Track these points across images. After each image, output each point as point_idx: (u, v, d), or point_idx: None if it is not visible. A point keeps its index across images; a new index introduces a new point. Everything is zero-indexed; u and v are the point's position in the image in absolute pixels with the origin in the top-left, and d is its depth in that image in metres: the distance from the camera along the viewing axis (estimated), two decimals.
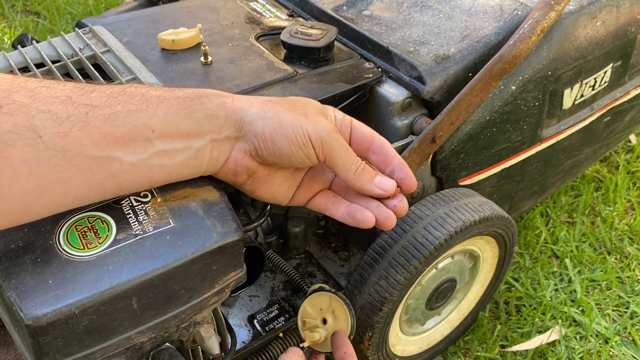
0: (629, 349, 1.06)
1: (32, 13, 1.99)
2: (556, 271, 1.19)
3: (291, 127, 0.51)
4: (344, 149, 0.54)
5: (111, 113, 0.46)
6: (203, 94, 0.52)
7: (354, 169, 0.55)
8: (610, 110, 1.06)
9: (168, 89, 0.51)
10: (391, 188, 0.56)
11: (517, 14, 0.84)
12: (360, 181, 0.55)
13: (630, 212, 1.32)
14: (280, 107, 0.53)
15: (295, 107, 0.53)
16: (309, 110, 0.53)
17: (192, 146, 0.51)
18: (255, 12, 0.94)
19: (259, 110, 0.52)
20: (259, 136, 0.52)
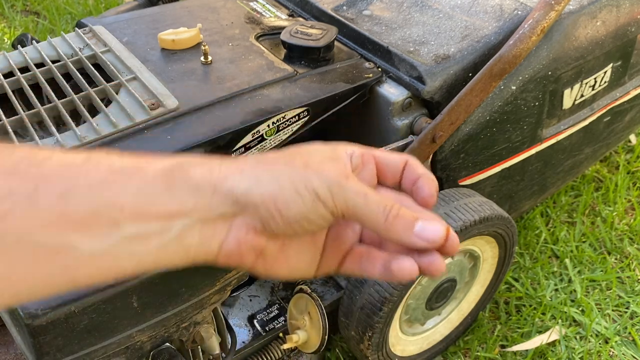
0: (629, 349, 1.06)
1: (32, 13, 1.99)
2: (556, 271, 1.18)
3: (293, 185, 0.42)
4: (362, 195, 0.43)
5: (68, 188, 0.38)
6: (185, 161, 0.42)
7: (382, 217, 0.43)
8: (610, 110, 1.06)
9: (144, 156, 0.42)
10: (439, 236, 0.42)
11: (517, 14, 0.84)
12: (393, 231, 0.43)
13: (630, 212, 1.32)
14: (275, 165, 0.43)
15: (294, 160, 0.44)
16: (311, 159, 0.44)
17: (172, 227, 0.41)
18: (255, 12, 0.94)
19: (251, 174, 0.42)
20: (261, 206, 0.42)
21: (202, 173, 0.42)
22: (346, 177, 0.43)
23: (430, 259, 0.43)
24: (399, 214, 0.42)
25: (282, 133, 0.73)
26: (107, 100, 0.73)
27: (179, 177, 0.41)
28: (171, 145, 0.64)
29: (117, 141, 0.65)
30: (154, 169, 0.41)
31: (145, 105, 0.69)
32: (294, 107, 0.72)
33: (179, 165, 0.42)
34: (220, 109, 0.70)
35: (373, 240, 0.48)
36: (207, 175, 0.42)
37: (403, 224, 0.42)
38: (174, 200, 0.40)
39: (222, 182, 0.42)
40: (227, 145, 0.69)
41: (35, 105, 0.70)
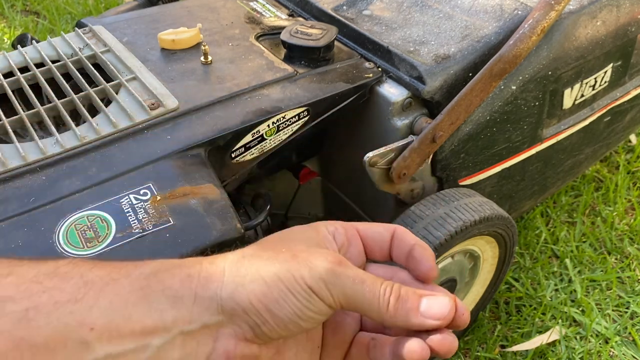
0: (629, 349, 1.06)
1: (32, 13, 1.99)
2: (556, 271, 1.18)
3: (282, 282, 0.37)
4: (359, 282, 0.38)
5: (30, 308, 0.34)
6: (162, 267, 0.38)
7: (384, 304, 0.38)
8: (610, 110, 1.06)
9: (118, 265, 0.38)
10: (447, 311, 0.38)
11: (518, 14, 0.84)
12: (398, 317, 0.38)
13: (631, 212, 1.32)
14: (259, 260, 0.38)
15: (278, 251, 0.39)
16: (296, 248, 0.39)
17: (149, 345, 0.36)
18: (255, 11, 0.93)
19: (235, 275, 0.38)
20: (250, 310, 0.37)
21: (181, 280, 0.37)
22: (339, 263, 0.38)
23: (441, 337, 0.39)
24: (400, 295, 0.38)
25: (282, 133, 0.73)
26: (107, 100, 0.72)
27: (155, 287, 0.37)
28: (171, 145, 0.64)
29: (117, 141, 0.65)
30: (129, 279, 0.36)
31: (145, 105, 0.69)
32: (294, 107, 0.72)
33: (154, 274, 0.37)
34: (220, 108, 0.70)
35: (375, 325, 0.44)
36: (186, 283, 0.37)
37: (407, 306, 0.38)
38: (151, 315, 0.36)
39: (204, 288, 0.37)
40: (227, 145, 0.69)
41: (35, 105, 0.70)
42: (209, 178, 0.58)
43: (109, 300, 0.35)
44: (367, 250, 0.43)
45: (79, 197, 0.57)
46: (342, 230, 0.42)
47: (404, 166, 0.77)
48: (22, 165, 0.61)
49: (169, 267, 0.38)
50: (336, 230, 0.42)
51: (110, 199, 0.56)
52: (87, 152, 0.63)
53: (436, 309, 0.38)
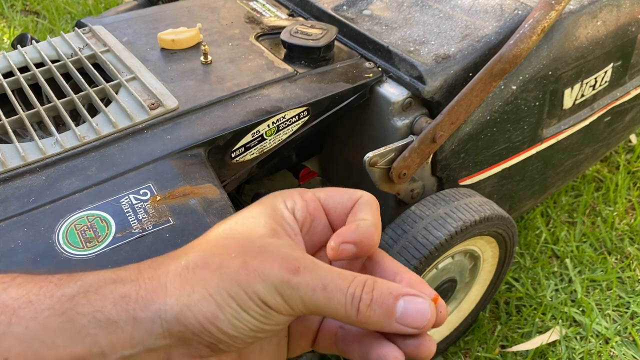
0: (630, 349, 1.05)
1: (32, 13, 1.99)
2: (556, 271, 1.18)
3: (234, 301, 0.32)
4: (319, 289, 0.33)
5: None
6: (91, 286, 0.32)
7: (352, 311, 0.33)
8: (610, 110, 1.06)
9: (41, 282, 0.32)
10: (426, 318, 0.33)
11: (518, 14, 0.84)
12: (370, 323, 0.33)
13: (631, 212, 1.32)
14: (206, 271, 0.33)
15: (227, 256, 0.34)
16: (248, 249, 0.34)
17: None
18: (255, 11, 0.93)
19: (179, 293, 0.32)
20: (202, 333, 0.33)
21: (115, 302, 0.32)
22: (295, 270, 0.33)
23: (417, 342, 0.34)
24: (372, 300, 0.33)
25: (282, 133, 0.73)
26: (106, 100, 0.72)
27: (82, 310, 0.31)
28: (171, 145, 0.64)
29: (116, 141, 0.65)
30: (49, 301, 0.31)
31: (145, 105, 0.69)
32: (294, 106, 0.72)
33: (83, 294, 0.32)
34: (220, 108, 0.70)
35: None
36: (121, 305, 0.32)
37: (381, 312, 0.33)
38: (81, 340, 0.31)
39: (143, 310, 0.32)
40: (227, 145, 0.69)
41: (35, 105, 0.70)
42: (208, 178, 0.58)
43: (24, 325, 0.30)
44: (330, 222, 0.39)
45: (78, 197, 0.57)
46: (302, 203, 0.38)
47: (404, 166, 0.77)
48: (22, 165, 0.61)
49: (99, 285, 0.33)
50: (295, 205, 0.37)
51: (110, 199, 0.56)
52: (86, 152, 0.63)
53: (414, 316, 0.33)
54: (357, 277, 0.34)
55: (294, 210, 0.37)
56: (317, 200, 0.38)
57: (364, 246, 0.36)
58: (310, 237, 0.39)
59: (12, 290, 0.32)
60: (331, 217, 0.39)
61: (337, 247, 0.35)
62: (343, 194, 0.38)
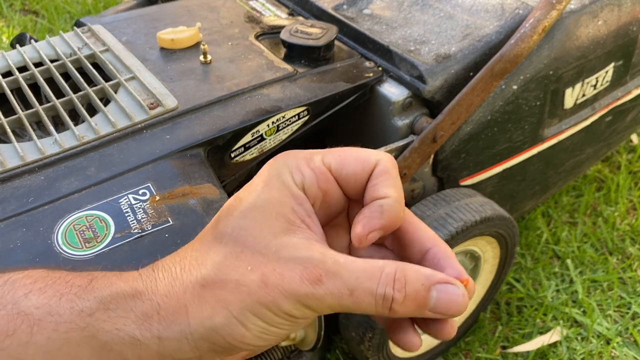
0: (631, 350, 1.05)
1: (31, 12, 1.98)
2: (557, 272, 1.18)
3: (260, 320, 0.32)
4: (346, 295, 0.31)
5: None
6: (109, 300, 0.32)
7: (384, 308, 0.31)
8: (611, 110, 1.05)
9: (59, 287, 0.32)
10: (459, 306, 0.32)
11: (519, 13, 0.84)
12: (404, 314, 0.33)
13: (632, 212, 1.31)
14: (224, 291, 0.32)
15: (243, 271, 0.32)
16: (263, 261, 0.32)
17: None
18: (255, 10, 0.93)
19: (202, 316, 0.32)
20: (231, 349, 0.33)
21: (137, 319, 0.31)
22: (317, 280, 0.31)
23: (441, 325, 0.34)
24: (406, 296, 0.31)
25: (282, 132, 0.73)
26: (105, 99, 0.72)
27: (104, 326, 0.31)
28: (170, 144, 0.64)
29: (116, 141, 0.65)
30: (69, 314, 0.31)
31: (144, 105, 0.68)
32: (294, 106, 0.72)
33: (102, 310, 0.31)
34: (219, 108, 0.70)
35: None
36: (143, 324, 0.32)
37: (414, 306, 0.32)
38: (106, 355, 0.31)
39: (167, 330, 0.32)
40: (227, 144, 0.68)
41: (34, 105, 0.70)
42: (208, 178, 0.57)
43: (46, 336, 0.30)
44: (343, 191, 0.36)
45: (77, 197, 0.57)
46: (311, 177, 0.34)
47: (404, 166, 0.77)
48: (21, 165, 0.61)
49: (118, 300, 0.32)
50: (304, 180, 0.34)
51: (109, 199, 0.56)
52: (86, 152, 0.63)
53: (447, 306, 0.32)
54: (384, 271, 0.31)
55: (304, 186, 0.34)
56: (328, 171, 0.35)
57: (391, 227, 0.34)
58: (324, 210, 0.36)
59: (33, 297, 0.31)
60: (345, 187, 0.36)
61: (365, 237, 0.34)
62: (356, 162, 0.35)
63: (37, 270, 0.33)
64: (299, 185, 0.34)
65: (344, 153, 0.35)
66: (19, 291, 0.31)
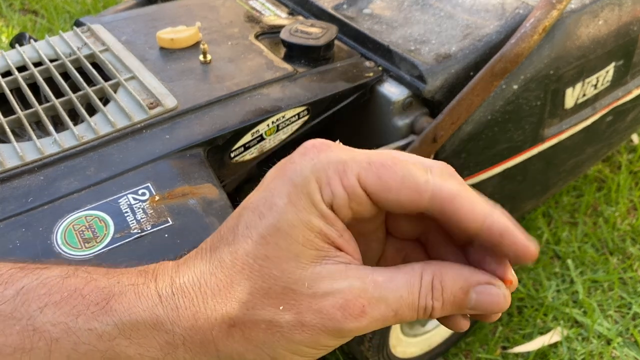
0: (631, 350, 1.05)
1: (30, 12, 1.98)
2: (558, 272, 1.18)
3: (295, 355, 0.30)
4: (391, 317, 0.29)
5: None
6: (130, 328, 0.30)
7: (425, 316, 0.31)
8: (612, 109, 1.05)
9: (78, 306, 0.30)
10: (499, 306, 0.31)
11: (519, 13, 0.83)
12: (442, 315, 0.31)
13: (633, 212, 1.31)
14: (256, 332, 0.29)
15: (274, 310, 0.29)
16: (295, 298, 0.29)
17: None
18: (255, 10, 0.93)
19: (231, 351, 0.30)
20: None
21: (161, 347, 0.30)
22: (360, 312, 0.29)
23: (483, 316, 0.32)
24: (444, 302, 0.30)
25: (282, 132, 0.73)
26: (105, 99, 0.72)
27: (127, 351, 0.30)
28: (170, 144, 0.64)
29: (115, 141, 0.64)
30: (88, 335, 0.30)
31: (144, 105, 0.68)
32: (294, 106, 0.72)
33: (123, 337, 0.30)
34: (219, 108, 0.70)
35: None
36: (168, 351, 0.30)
37: (452, 309, 0.30)
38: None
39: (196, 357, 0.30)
40: (226, 144, 0.68)
41: (33, 104, 0.70)
42: (208, 178, 0.57)
43: (65, 355, 0.29)
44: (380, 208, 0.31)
45: (77, 197, 0.57)
46: (343, 199, 0.29)
47: None
48: (20, 165, 0.61)
49: (139, 329, 0.30)
50: (334, 199, 0.29)
51: (109, 199, 0.55)
52: (85, 151, 0.63)
53: (486, 307, 0.30)
54: (423, 280, 0.30)
55: (332, 205, 0.29)
56: (363, 194, 0.29)
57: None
58: (352, 226, 0.32)
59: (49, 312, 0.30)
60: (381, 207, 0.30)
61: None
62: (401, 190, 0.29)
63: (51, 276, 0.31)
64: (327, 203, 0.29)
65: (386, 174, 0.29)
66: (34, 304, 0.30)
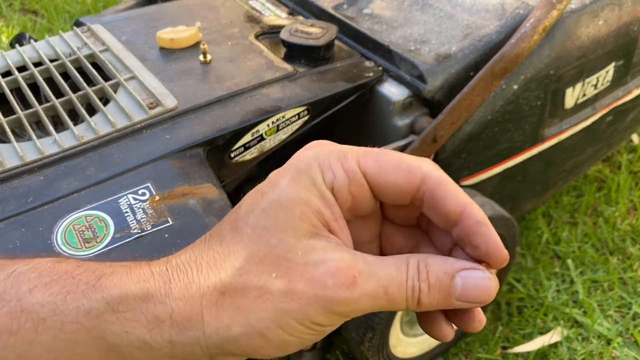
0: (631, 350, 1.05)
1: (30, 12, 1.98)
2: (558, 272, 1.18)
3: (285, 332, 0.29)
4: (382, 295, 0.30)
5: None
6: (118, 302, 0.30)
7: (413, 301, 0.30)
8: (612, 109, 1.05)
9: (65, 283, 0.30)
10: (487, 292, 0.31)
11: (519, 13, 0.83)
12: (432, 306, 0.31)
13: (633, 212, 1.31)
14: (245, 300, 0.29)
15: (267, 277, 0.29)
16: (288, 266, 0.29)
17: None
18: (255, 10, 0.93)
19: (218, 325, 0.30)
20: (246, 355, 0.31)
21: (148, 322, 0.30)
22: (350, 282, 0.29)
23: (470, 316, 0.32)
24: (430, 286, 0.30)
25: (282, 132, 0.73)
26: (105, 99, 0.72)
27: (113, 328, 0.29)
28: (170, 144, 0.64)
29: (115, 141, 0.64)
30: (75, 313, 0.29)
31: (144, 105, 0.68)
32: (294, 106, 0.72)
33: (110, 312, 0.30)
34: (219, 108, 0.70)
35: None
36: (154, 327, 0.30)
37: (440, 296, 0.30)
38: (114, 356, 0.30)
39: (180, 335, 0.30)
40: (226, 144, 0.68)
41: (33, 104, 0.70)
42: (208, 178, 0.57)
43: (52, 335, 0.29)
44: (375, 196, 0.32)
45: (77, 197, 0.57)
46: (343, 179, 0.31)
47: None
48: (20, 165, 0.61)
49: (128, 303, 0.30)
50: (335, 181, 0.31)
51: (109, 199, 0.55)
52: (85, 151, 0.63)
53: (474, 293, 0.30)
54: (409, 263, 0.30)
55: (333, 188, 0.31)
56: (362, 177, 0.31)
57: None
58: (350, 212, 0.33)
59: (38, 293, 0.30)
60: (379, 195, 0.32)
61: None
62: (398, 172, 0.31)
63: (43, 261, 0.32)
64: (328, 185, 0.31)
65: (383, 158, 0.31)
66: (23, 286, 0.30)
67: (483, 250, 0.31)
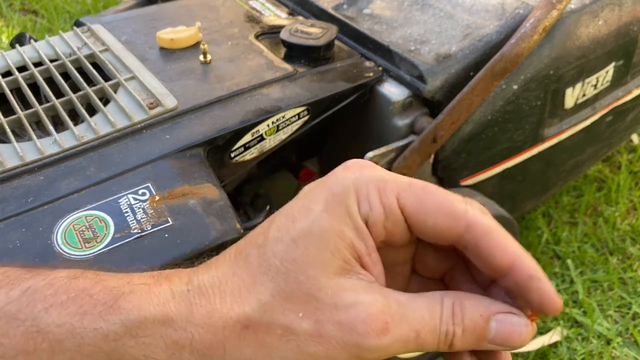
0: (631, 350, 1.05)
1: (30, 12, 1.98)
2: (558, 272, 1.18)
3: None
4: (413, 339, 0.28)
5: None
6: (137, 326, 0.29)
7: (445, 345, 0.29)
8: (612, 109, 1.05)
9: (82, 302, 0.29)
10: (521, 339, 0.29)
11: (519, 13, 0.83)
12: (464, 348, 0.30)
13: (633, 212, 1.31)
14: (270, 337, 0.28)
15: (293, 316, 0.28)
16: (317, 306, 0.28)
17: None
18: (255, 10, 0.93)
19: (239, 357, 0.29)
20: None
21: (166, 347, 0.29)
22: (383, 328, 0.27)
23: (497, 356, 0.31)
24: (464, 329, 0.28)
25: (282, 132, 0.73)
26: (105, 99, 0.72)
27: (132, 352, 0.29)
28: (170, 144, 0.64)
29: (115, 141, 0.64)
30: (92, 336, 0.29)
31: (144, 105, 0.68)
32: (294, 106, 0.72)
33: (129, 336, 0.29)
34: (219, 108, 0.70)
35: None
36: (174, 353, 0.29)
37: (473, 339, 0.29)
38: None
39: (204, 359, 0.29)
40: (226, 144, 0.68)
41: (33, 104, 0.70)
42: (208, 178, 0.57)
43: (69, 356, 0.29)
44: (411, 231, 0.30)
45: (77, 197, 0.57)
46: (379, 214, 0.29)
47: (404, 166, 0.76)
48: (20, 165, 0.61)
49: (147, 327, 0.29)
50: (371, 214, 0.29)
51: (109, 199, 0.55)
52: (85, 152, 0.63)
53: (507, 338, 0.29)
54: (444, 305, 0.29)
55: (367, 220, 0.29)
56: (400, 214, 0.29)
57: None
58: (383, 244, 0.31)
59: (54, 312, 0.29)
60: (417, 233, 0.30)
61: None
62: (439, 215, 0.29)
63: (59, 277, 0.31)
64: (363, 217, 0.29)
65: (426, 197, 0.29)
66: (39, 304, 0.29)
67: (536, 304, 0.29)
